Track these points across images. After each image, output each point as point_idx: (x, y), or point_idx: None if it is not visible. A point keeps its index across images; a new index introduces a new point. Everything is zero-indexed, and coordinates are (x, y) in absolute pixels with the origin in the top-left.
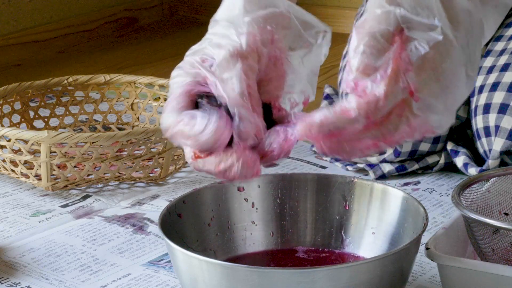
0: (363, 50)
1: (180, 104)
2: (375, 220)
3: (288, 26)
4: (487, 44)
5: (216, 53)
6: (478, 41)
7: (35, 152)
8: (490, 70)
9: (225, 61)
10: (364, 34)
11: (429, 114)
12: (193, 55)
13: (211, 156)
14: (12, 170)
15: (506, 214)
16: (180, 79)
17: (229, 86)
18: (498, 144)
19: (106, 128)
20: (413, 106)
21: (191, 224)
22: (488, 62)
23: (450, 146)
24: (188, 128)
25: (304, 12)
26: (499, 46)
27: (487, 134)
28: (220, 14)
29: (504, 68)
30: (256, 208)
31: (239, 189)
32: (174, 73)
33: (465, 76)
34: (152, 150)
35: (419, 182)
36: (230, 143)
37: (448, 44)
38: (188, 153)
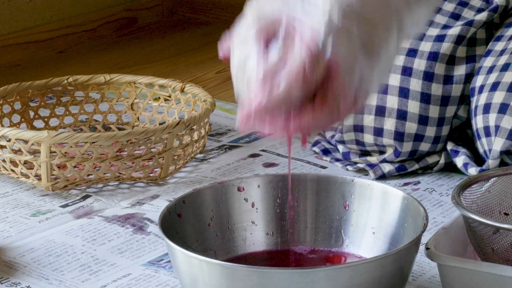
0: None
1: None
2: (375, 220)
3: None
4: (487, 44)
5: None
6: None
7: (35, 152)
8: (490, 70)
9: None
10: None
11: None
12: None
13: None
14: (12, 170)
15: (506, 214)
16: None
17: None
18: (498, 144)
19: (106, 128)
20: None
21: (191, 224)
22: (488, 62)
23: (450, 146)
24: None
25: None
26: (499, 46)
27: (487, 134)
28: None
29: (504, 68)
30: (256, 208)
31: (239, 189)
32: None
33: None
34: (152, 150)
35: (419, 182)
36: None
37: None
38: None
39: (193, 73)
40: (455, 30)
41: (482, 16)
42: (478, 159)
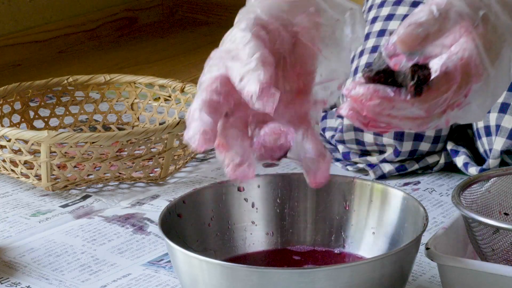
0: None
1: None
2: (375, 220)
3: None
4: None
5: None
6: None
7: (35, 152)
8: None
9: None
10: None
11: (468, 114)
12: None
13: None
14: (12, 170)
15: (506, 214)
16: None
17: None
18: (498, 143)
19: (106, 128)
20: (461, 106)
21: (191, 224)
22: None
23: (450, 146)
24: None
25: None
26: None
27: (488, 133)
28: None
29: None
30: (256, 208)
31: (239, 189)
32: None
33: (507, 80)
34: (152, 150)
35: (419, 182)
36: None
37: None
38: None
39: (193, 73)
40: None
41: None
42: (478, 158)
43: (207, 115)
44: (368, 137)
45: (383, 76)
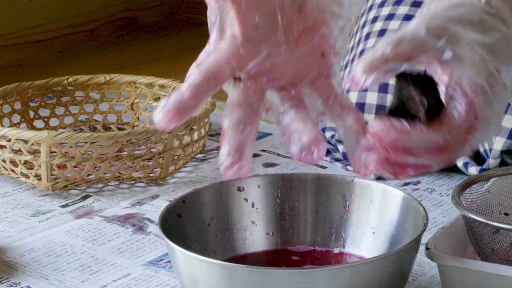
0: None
1: None
2: (375, 220)
3: None
4: None
5: None
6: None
7: (35, 152)
8: None
9: None
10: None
11: (488, 132)
12: None
13: None
14: (12, 170)
15: (506, 214)
16: None
17: None
18: (498, 143)
19: (106, 128)
20: (476, 128)
21: (191, 224)
22: None
23: None
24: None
25: None
26: None
27: None
28: None
29: None
30: (256, 208)
31: (239, 189)
32: None
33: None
34: (152, 150)
35: (419, 182)
36: None
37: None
38: None
39: None
40: None
41: None
42: (478, 158)
43: (205, 81)
44: None
45: (396, 111)
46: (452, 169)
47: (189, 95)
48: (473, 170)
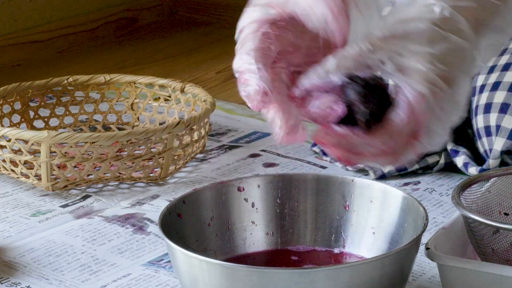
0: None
1: None
2: (375, 220)
3: None
4: None
5: None
6: (466, 74)
7: (35, 152)
8: (491, 70)
9: None
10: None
11: (432, 139)
12: None
13: None
14: (12, 170)
15: (506, 214)
16: None
17: None
18: (498, 143)
19: (106, 128)
20: (420, 133)
21: (191, 224)
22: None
23: (450, 146)
24: None
25: None
26: None
27: (488, 133)
28: None
29: (505, 67)
30: (256, 208)
31: (239, 189)
32: None
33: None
34: (152, 150)
35: (419, 182)
36: None
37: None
38: None
39: (193, 73)
40: None
41: None
42: (478, 158)
43: (264, 70)
44: None
45: (345, 116)
46: (452, 169)
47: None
48: (473, 170)
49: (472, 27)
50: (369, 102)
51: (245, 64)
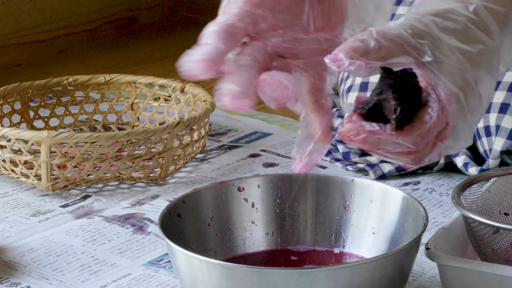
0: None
1: None
2: (375, 220)
3: None
4: None
5: None
6: (492, 77)
7: (35, 152)
8: None
9: None
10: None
11: (457, 141)
12: None
13: None
14: (12, 170)
15: (506, 214)
16: None
17: None
18: (498, 143)
19: (106, 128)
20: (446, 135)
21: (191, 224)
22: None
23: None
24: None
25: None
26: None
27: (488, 133)
28: None
29: None
30: (256, 208)
31: (239, 189)
32: None
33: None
34: (152, 150)
35: (419, 182)
36: None
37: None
38: None
39: None
40: None
41: None
42: (478, 159)
43: (221, 42)
44: None
45: (373, 111)
46: (452, 169)
47: (215, 42)
48: (473, 170)
49: (499, 30)
50: (402, 100)
51: (204, 35)
